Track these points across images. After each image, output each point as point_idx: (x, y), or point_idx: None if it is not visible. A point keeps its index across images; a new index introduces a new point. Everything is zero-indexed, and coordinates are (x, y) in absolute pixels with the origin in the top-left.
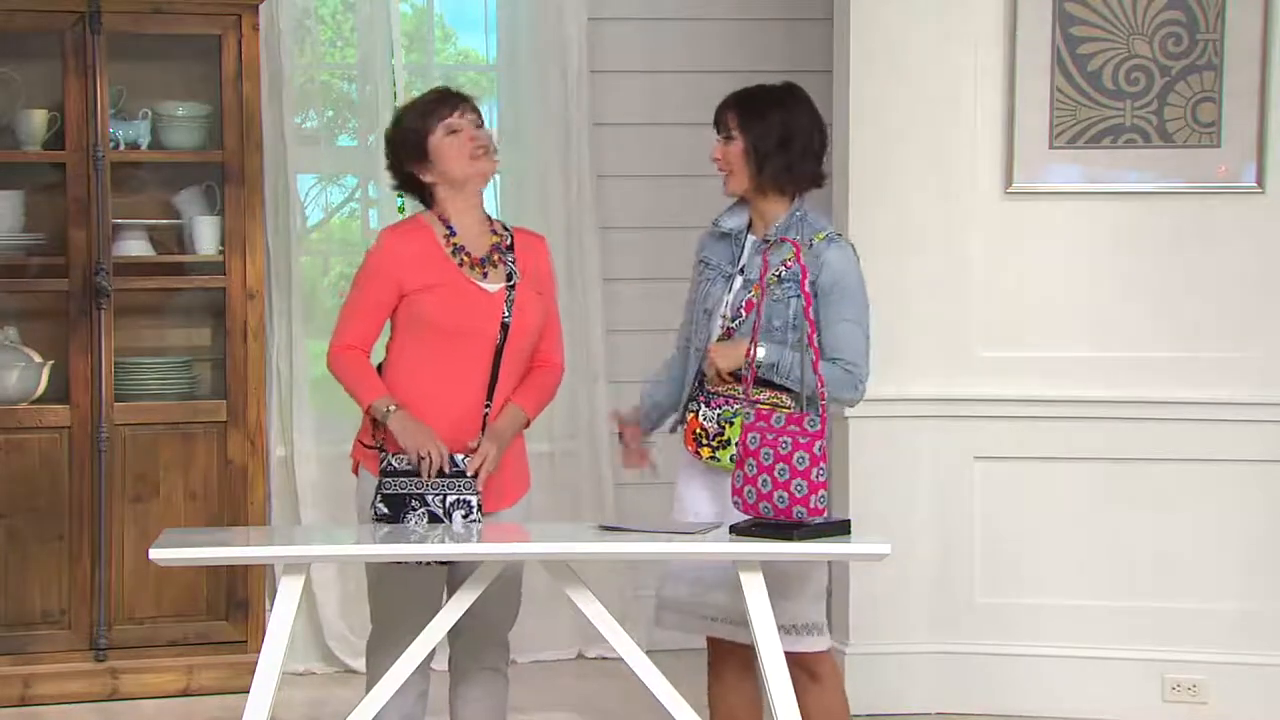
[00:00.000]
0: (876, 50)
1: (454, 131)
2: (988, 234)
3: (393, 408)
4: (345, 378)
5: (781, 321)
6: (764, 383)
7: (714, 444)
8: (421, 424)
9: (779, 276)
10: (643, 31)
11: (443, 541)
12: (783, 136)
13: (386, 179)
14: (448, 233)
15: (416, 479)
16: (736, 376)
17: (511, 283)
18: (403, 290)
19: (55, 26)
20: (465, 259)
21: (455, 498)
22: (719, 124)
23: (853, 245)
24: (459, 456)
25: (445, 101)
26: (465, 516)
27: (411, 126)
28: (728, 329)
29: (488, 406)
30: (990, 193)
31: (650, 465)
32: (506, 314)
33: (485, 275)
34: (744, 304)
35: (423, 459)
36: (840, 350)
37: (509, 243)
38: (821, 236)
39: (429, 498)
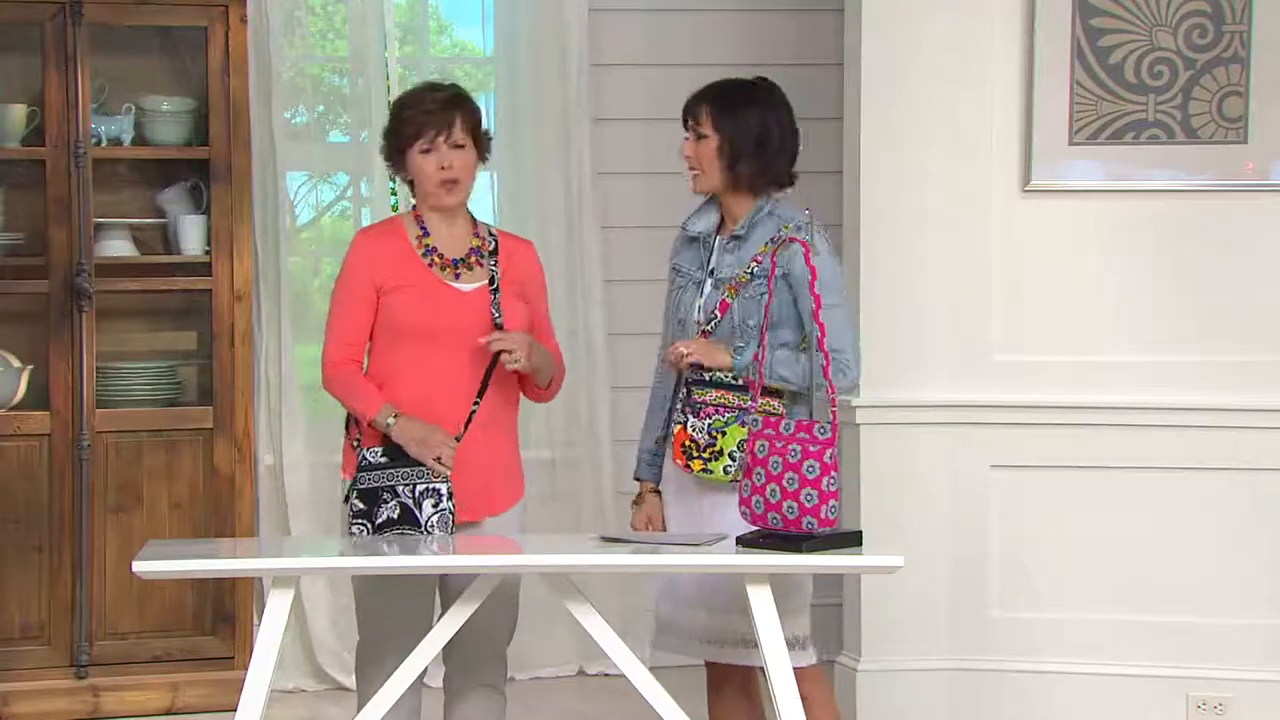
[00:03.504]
0: (889, 43)
1: (426, 152)
2: (1004, 233)
3: (393, 420)
4: (343, 396)
5: (755, 321)
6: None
7: (705, 455)
8: (423, 424)
9: (750, 274)
10: (645, 23)
11: (435, 552)
12: (760, 136)
13: (380, 176)
14: (421, 233)
15: (390, 469)
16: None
17: (493, 285)
18: (379, 290)
19: (34, 18)
20: (436, 259)
21: (425, 486)
22: (690, 119)
23: (824, 231)
24: None
25: (440, 120)
26: (435, 506)
27: (400, 132)
28: (703, 333)
29: (475, 405)
30: (1007, 190)
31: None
32: (497, 315)
33: (458, 276)
34: (718, 306)
35: (435, 461)
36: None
37: (492, 247)
38: (789, 227)
39: (399, 488)
